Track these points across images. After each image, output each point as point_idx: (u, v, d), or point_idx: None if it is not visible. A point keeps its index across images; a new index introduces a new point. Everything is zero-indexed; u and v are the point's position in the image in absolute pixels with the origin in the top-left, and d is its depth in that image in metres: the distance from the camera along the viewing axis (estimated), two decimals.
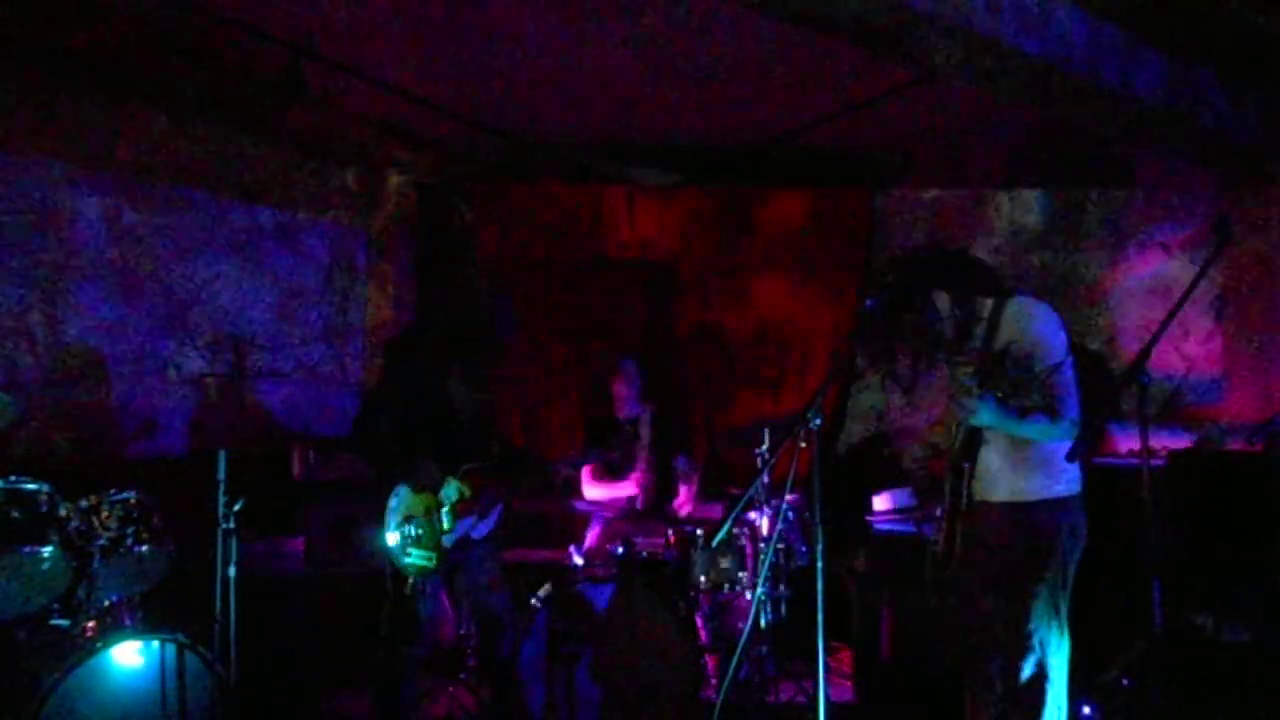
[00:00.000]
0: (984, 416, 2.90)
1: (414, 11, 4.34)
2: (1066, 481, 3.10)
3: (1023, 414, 2.91)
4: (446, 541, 3.70)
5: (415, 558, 3.65)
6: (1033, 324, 3.05)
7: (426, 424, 3.72)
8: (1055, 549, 3.05)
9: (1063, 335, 3.07)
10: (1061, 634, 3.07)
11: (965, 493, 3.10)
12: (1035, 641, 3.03)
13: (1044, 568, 3.04)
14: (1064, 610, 3.07)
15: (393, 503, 3.66)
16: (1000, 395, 2.81)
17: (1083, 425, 3.00)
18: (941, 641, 3.56)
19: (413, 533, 3.65)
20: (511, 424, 6.32)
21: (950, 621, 3.31)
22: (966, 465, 3.10)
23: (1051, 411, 2.97)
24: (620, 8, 4.26)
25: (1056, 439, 3.03)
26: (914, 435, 5.87)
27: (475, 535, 3.82)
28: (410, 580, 3.64)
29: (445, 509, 3.73)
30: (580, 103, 5.37)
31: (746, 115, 5.48)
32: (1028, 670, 3.05)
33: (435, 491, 3.71)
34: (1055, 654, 3.06)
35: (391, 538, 3.64)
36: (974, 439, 3.09)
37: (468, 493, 3.75)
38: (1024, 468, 3.07)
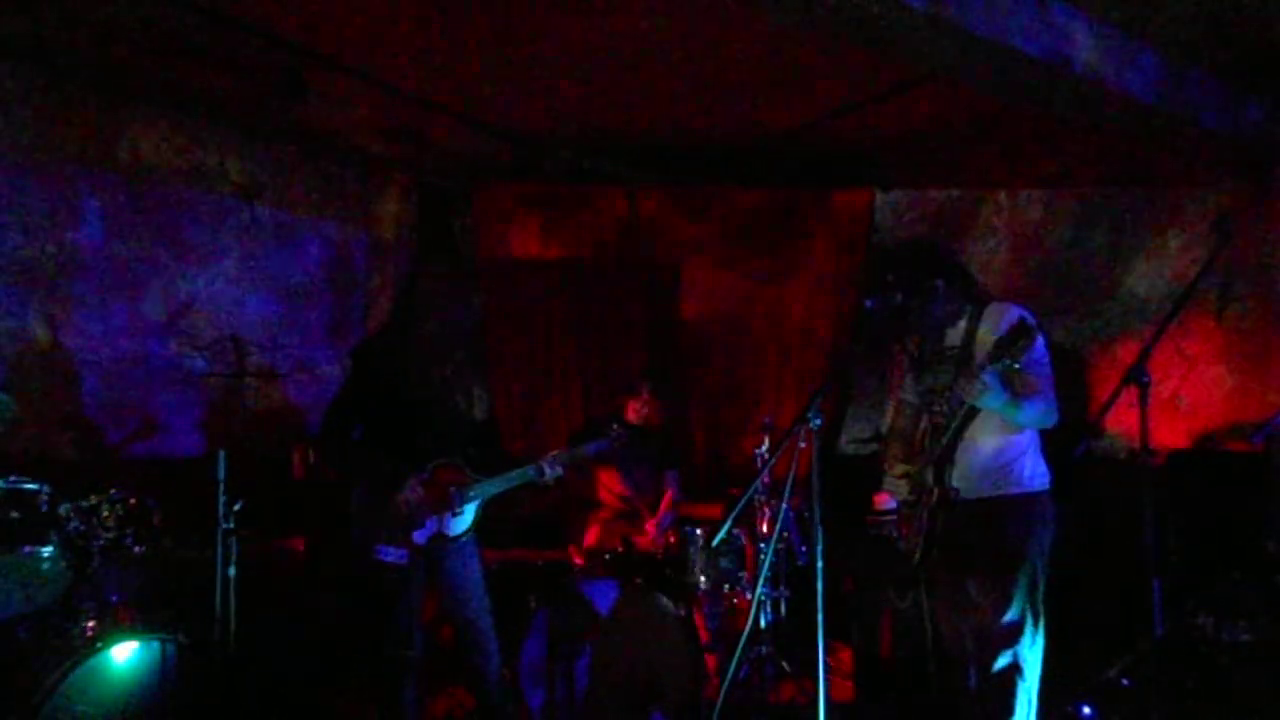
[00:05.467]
0: (988, 399, 3.00)
1: (414, 11, 4.34)
2: (1038, 478, 3.24)
3: (1016, 397, 3.07)
4: (417, 538, 3.61)
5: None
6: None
7: (394, 425, 3.67)
8: (1029, 543, 3.16)
9: (1042, 336, 3.17)
10: (1037, 626, 3.16)
11: (950, 488, 3.20)
12: (1010, 632, 3.11)
13: (1019, 561, 3.13)
14: (1039, 602, 3.16)
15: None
16: (1001, 370, 2.93)
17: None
18: (931, 637, 3.64)
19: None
20: (512, 425, 6.31)
21: (928, 615, 3.45)
22: (947, 465, 3.21)
23: (1038, 398, 3.12)
24: (620, 8, 4.26)
25: (1039, 425, 3.21)
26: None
27: (449, 532, 3.69)
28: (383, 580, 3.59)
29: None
30: (580, 103, 5.36)
31: (746, 115, 5.48)
32: (1002, 661, 3.12)
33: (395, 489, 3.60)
34: (1030, 645, 3.14)
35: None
36: (953, 440, 3.20)
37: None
38: (996, 466, 3.20)
